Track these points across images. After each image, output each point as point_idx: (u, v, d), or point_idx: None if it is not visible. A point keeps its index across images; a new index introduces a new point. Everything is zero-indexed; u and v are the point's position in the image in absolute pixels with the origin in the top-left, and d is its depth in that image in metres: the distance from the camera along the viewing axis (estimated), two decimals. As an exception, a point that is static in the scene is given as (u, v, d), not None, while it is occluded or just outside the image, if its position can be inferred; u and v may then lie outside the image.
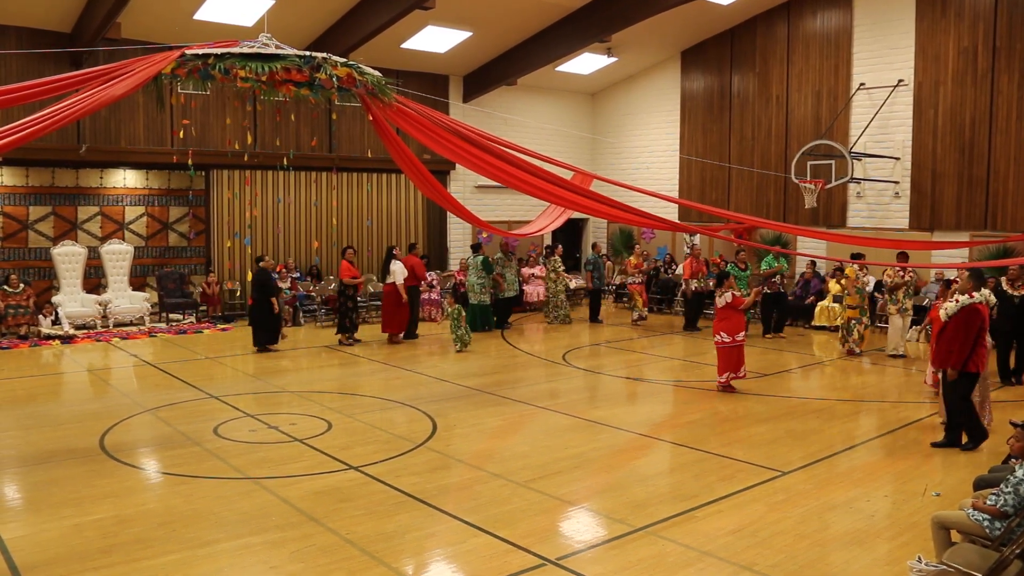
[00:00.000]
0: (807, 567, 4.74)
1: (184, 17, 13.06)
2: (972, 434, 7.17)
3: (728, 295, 9.39)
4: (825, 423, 8.09)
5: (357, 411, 8.46)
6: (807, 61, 15.66)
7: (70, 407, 8.73)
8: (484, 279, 13.94)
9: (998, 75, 13.21)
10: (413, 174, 9.77)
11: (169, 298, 14.36)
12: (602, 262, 15.77)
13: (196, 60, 7.18)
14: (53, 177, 14.10)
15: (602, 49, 16.97)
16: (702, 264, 14.46)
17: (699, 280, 14.17)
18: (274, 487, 6.08)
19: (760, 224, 13.99)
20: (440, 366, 11.09)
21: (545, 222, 13.40)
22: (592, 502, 5.91)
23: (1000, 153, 13.25)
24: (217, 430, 7.65)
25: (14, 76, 12.48)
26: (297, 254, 15.78)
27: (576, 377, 10.47)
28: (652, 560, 4.84)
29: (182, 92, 12.96)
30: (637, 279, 14.89)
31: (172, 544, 5.02)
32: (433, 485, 6.18)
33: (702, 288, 14.10)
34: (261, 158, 14.76)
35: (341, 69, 7.66)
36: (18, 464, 6.72)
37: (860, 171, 14.31)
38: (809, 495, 5.98)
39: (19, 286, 12.79)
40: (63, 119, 6.60)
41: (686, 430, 7.91)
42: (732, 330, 9.35)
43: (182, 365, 10.81)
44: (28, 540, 5.08)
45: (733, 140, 16.98)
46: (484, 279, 13.94)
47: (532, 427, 8.08)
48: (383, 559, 4.84)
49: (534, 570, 4.70)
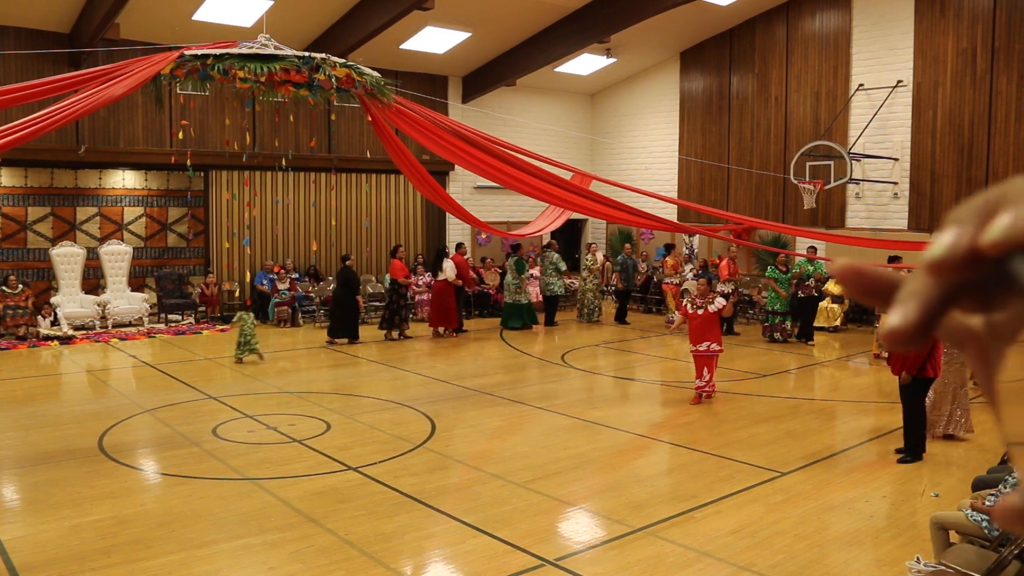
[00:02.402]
0: (806, 567, 4.74)
1: (183, 18, 13.05)
2: (910, 445, 6.86)
3: (719, 301, 8.91)
4: (824, 424, 8.10)
5: (356, 412, 8.46)
6: (806, 62, 15.67)
7: (69, 408, 8.72)
8: (519, 279, 14.35)
9: (997, 76, 13.22)
10: (412, 175, 9.78)
11: (168, 299, 14.36)
12: (631, 263, 15.72)
13: (195, 61, 7.19)
14: (52, 178, 14.09)
15: (601, 50, 16.97)
16: (738, 266, 14.13)
17: (734, 282, 13.82)
18: (273, 488, 6.07)
19: (759, 225, 14.00)
20: (439, 367, 11.09)
21: (544, 223, 13.41)
22: (591, 503, 5.91)
23: (999, 154, 13.25)
24: (216, 431, 7.64)
25: (13, 77, 12.46)
26: (296, 255, 15.78)
27: (575, 378, 10.47)
28: (651, 561, 4.84)
29: (181, 93, 12.97)
30: (675, 280, 14.83)
31: (171, 545, 5.02)
32: (432, 486, 6.18)
33: (735, 290, 13.81)
34: (260, 159, 14.76)
35: (340, 70, 7.67)
36: (17, 465, 6.71)
37: (859, 172, 14.32)
38: (808, 496, 5.98)
39: (18, 287, 12.78)
40: (62, 119, 6.60)
41: (685, 431, 7.91)
42: (719, 337, 8.91)
43: (181, 366, 10.81)
44: (27, 541, 5.08)
45: (732, 141, 16.99)
46: (519, 279, 14.35)
47: (531, 428, 8.08)
48: (382, 560, 4.84)
49: (533, 571, 4.70)
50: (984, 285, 0.36)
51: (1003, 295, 0.36)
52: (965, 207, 0.37)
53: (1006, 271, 0.34)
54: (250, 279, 14.83)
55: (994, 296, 0.36)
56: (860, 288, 0.42)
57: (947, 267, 0.36)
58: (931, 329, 0.38)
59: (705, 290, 8.88)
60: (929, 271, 0.37)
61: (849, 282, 0.42)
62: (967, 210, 0.37)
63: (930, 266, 0.37)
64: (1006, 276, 0.34)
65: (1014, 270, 0.33)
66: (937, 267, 0.36)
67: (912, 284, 0.39)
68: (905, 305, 0.38)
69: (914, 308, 0.38)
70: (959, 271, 0.36)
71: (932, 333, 0.38)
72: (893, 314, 0.38)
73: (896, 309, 0.38)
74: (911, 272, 0.40)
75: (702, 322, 8.76)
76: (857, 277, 0.42)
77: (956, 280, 0.37)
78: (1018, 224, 0.33)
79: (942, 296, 0.37)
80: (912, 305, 0.38)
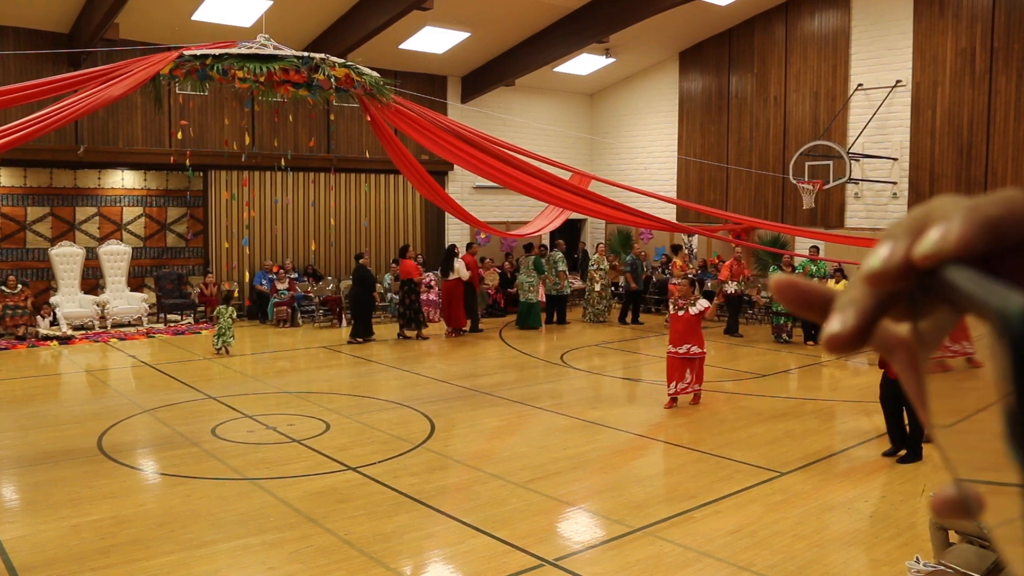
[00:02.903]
0: (805, 567, 4.75)
1: (182, 18, 13.05)
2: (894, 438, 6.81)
3: (702, 302, 8.52)
4: (823, 423, 8.10)
5: (355, 412, 8.46)
6: (805, 62, 15.67)
7: (68, 408, 8.72)
8: (534, 278, 14.44)
9: (996, 76, 13.23)
10: (411, 175, 9.78)
11: (167, 299, 14.36)
12: (641, 263, 15.71)
13: (194, 61, 7.19)
14: (51, 178, 14.09)
15: (600, 50, 16.97)
16: (743, 266, 14.09)
17: (739, 283, 13.81)
18: (272, 488, 6.07)
19: (758, 224, 14.00)
20: (438, 367, 11.09)
21: (543, 223, 13.42)
22: (590, 503, 5.91)
23: (998, 154, 13.26)
24: (215, 431, 7.64)
25: (12, 77, 12.45)
26: (295, 255, 15.78)
27: (575, 378, 10.48)
28: (650, 561, 4.84)
29: (180, 93, 12.97)
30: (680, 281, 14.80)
31: (170, 545, 5.02)
32: (431, 486, 6.18)
33: (741, 292, 13.84)
34: (259, 159, 14.76)
35: (339, 70, 7.68)
36: (16, 465, 6.71)
37: (858, 172, 14.33)
38: (807, 496, 5.99)
39: (17, 287, 12.78)
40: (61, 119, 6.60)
41: (684, 431, 7.91)
42: (702, 340, 8.57)
43: (180, 366, 10.80)
44: (26, 541, 5.08)
45: (731, 140, 16.99)
46: (534, 278, 14.44)
47: (530, 428, 8.08)
48: (381, 559, 4.84)
49: (532, 571, 4.70)
50: (913, 295, 0.40)
51: (929, 305, 0.39)
52: (897, 224, 0.41)
53: (935, 281, 0.37)
54: (249, 279, 14.83)
55: (921, 306, 0.40)
56: (796, 302, 0.45)
57: (883, 278, 0.39)
58: (868, 335, 0.41)
59: (687, 291, 8.55)
60: (866, 282, 0.40)
61: (786, 296, 0.45)
62: (899, 227, 0.40)
63: (868, 277, 0.40)
64: (934, 286, 0.37)
65: (945, 280, 0.37)
66: (874, 278, 0.39)
67: (848, 294, 0.42)
68: (844, 312, 0.41)
69: (852, 315, 0.40)
70: (893, 282, 0.39)
71: (869, 339, 0.41)
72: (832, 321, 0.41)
73: (835, 316, 0.41)
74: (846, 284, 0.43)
75: (684, 324, 8.45)
76: (793, 291, 0.45)
77: (889, 290, 0.40)
78: (947, 238, 0.36)
79: (876, 305, 0.40)
80: (850, 312, 0.40)
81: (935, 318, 0.39)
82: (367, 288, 12.99)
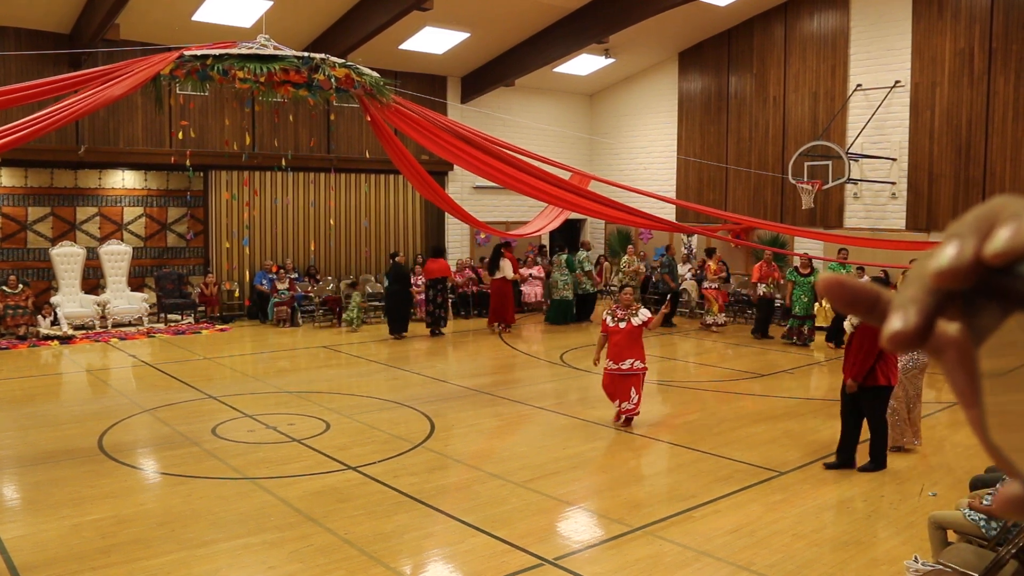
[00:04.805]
0: (804, 567, 4.76)
1: (183, 18, 13.06)
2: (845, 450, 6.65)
3: (644, 312, 7.74)
4: (822, 423, 8.11)
5: (355, 411, 8.47)
6: (804, 62, 15.69)
7: (69, 407, 8.74)
8: (567, 276, 14.80)
9: (994, 76, 13.24)
10: (411, 175, 9.79)
11: (167, 299, 14.36)
12: (675, 263, 15.53)
13: (195, 61, 7.20)
14: (52, 178, 14.10)
15: (600, 50, 16.99)
16: (774, 268, 13.88)
17: (768, 285, 13.65)
18: (272, 487, 6.09)
19: (757, 224, 14.02)
20: (438, 366, 11.11)
21: (543, 223, 13.45)
22: (590, 502, 5.93)
23: (996, 154, 13.28)
24: (215, 430, 7.66)
25: (13, 77, 12.47)
26: (295, 255, 15.79)
27: (574, 377, 10.49)
28: (650, 560, 4.86)
29: (181, 93, 12.97)
30: (714, 284, 14.83)
31: (170, 544, 5.03)
32: (431, 485, 6.20)
33: (770, 294, 13.73)
34: (259, 159, 14.78)
35: (339, 70, 7.69)
36: (17, 464, 6.73)
37: (857, 172, 14.34)
38: (806, 495, 6.00)
39: (18, 287, 12.79)
40: (62, 120, 6.62)
41: (683, 430, 7.93)
42: (643, 354, 7.78)
43: (180, 365, 10.82)
44: (27, 540, 5.09)
45: (731, 141, 17.01)
46: (567, 276, 14.80)
47: (530, 427, 8.10)
48: (381, 559, 4.85)
49: (532, 570, 4.72)
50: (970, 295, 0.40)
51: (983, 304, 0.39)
52: (960, 223, 0.41)
53: (1001, 280, 0.37)
54: (249, 279, 14.85)
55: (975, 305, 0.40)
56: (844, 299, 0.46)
57: (952, 276, 0.39)
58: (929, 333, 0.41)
59: (629, 300, 7.82)
60: (936, 280, 0.40)
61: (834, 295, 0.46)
62: (963, 226, 0.40)
63: (937, 275, 0.40)
64: (999, 285, 0.38)
65: (1019, 276, 0.37)
66: (943, 276, 0.40)
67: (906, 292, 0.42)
68: (905, 310, 0.41)
69: (914, 313, 0.41)
70: (961, 280, 0.39)
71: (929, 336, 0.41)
72: (894, 319, 0.41)
73: (897, 314, 0.41)
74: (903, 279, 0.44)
75: (625, 337, 7.60)
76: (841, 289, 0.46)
77: (954, 289, 0.40)
78: (1019, 236, 0.37)
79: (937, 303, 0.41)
80: (912, 310, 0.41)
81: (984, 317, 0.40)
82: (405, 285, 13.44)
